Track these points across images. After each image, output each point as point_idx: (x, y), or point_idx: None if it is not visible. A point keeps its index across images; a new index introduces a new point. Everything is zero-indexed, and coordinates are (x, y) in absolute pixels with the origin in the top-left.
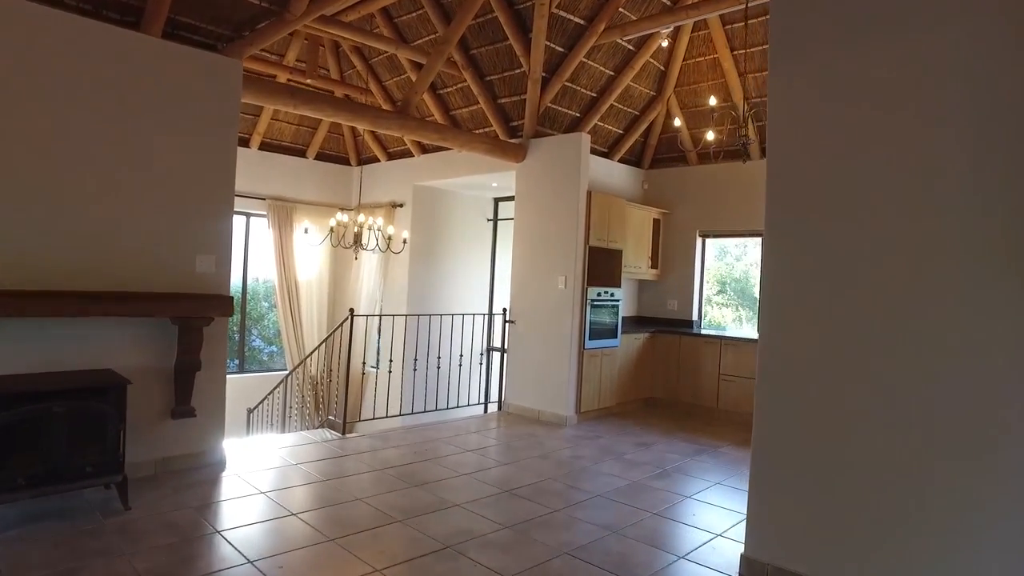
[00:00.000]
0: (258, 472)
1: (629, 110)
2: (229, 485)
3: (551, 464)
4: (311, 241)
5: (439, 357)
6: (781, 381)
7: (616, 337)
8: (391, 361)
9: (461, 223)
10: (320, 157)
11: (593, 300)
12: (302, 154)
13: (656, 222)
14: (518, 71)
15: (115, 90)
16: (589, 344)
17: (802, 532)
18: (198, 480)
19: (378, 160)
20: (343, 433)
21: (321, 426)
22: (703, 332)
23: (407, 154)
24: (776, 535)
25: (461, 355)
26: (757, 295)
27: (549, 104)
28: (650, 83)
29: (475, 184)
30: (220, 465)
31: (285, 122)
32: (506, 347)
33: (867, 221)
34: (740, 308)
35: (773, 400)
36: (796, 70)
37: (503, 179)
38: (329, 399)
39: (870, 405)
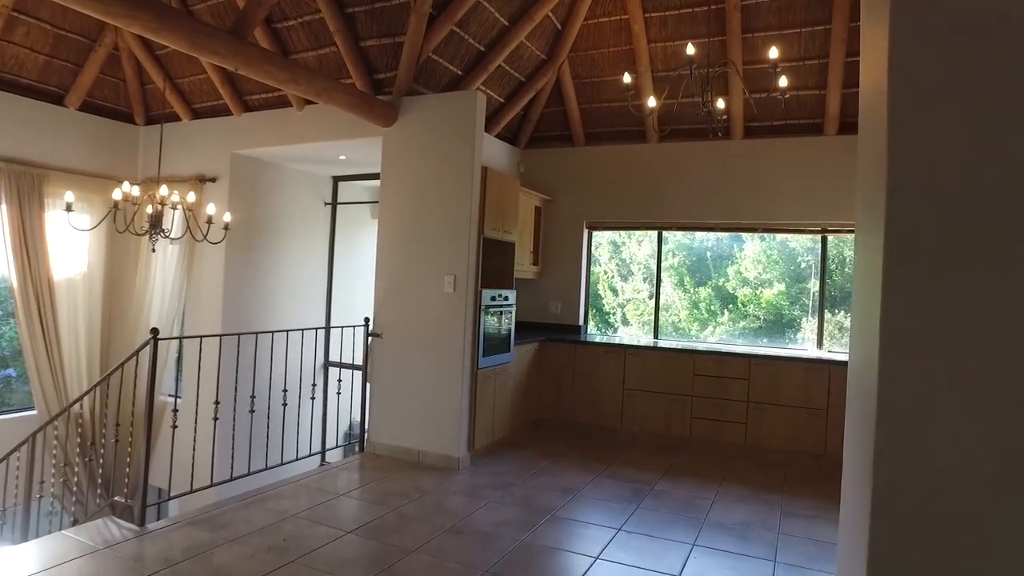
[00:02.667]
0: None
1: (515, 74)
2: None
3: (475, 543)
4: (77, 224)
5: (285, 390)
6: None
7: (510, 350)
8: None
9: (293, 207)
10: (89, 108)
11: (488, 306)
12: (59, 101)
13: (537, 211)
14: (393, 2)
15: None
16: (484, 362)
17: None
18: None
19: (178, 118)
20: (140, 523)
21: (102, 513)
22: (611, 341)
23: (221, 111)
24: None
25: (301, 382)
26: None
27: (430, 54)
28: (543, 44)
29: (316, 156)
30: None
31: (27, 48)
32: (369, 368)
33: None
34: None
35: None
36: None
37: (358, 149)
38: (116, 464)
39: None
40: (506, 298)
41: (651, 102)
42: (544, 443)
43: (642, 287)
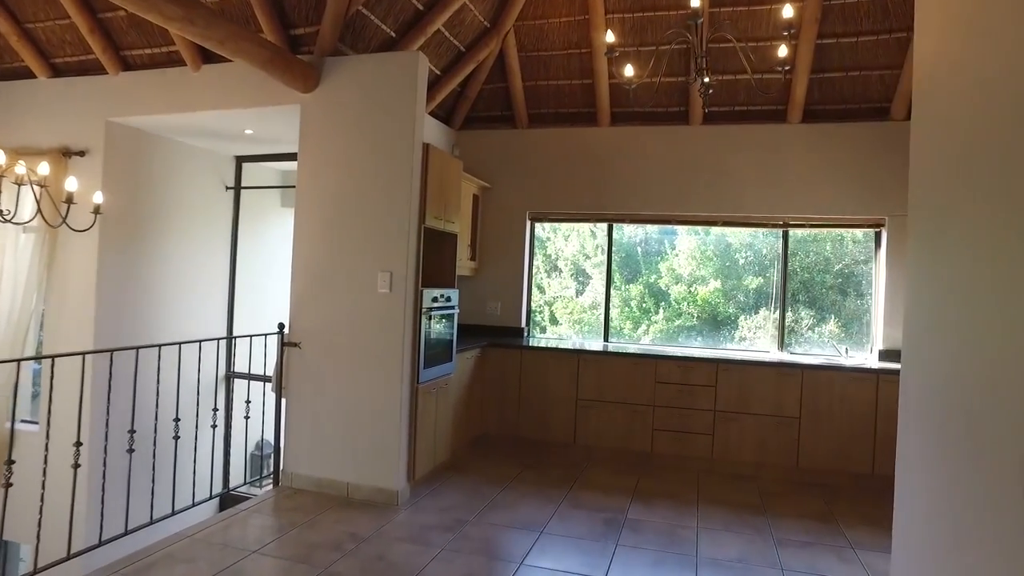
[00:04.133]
0: None
1: (455, 42)
2: None
3: None
4: None
5: (177, 420)
6: None
7: (451, 359)
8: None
9: (187, 191)
10: None
11: (429, 308)
12: None
13: (475, 200)
14: None
15: None
16: (425, 374)
17: None
18: None
19: (32, 75)
20: None
21: None
22: (562, 346)
23: (92, 68)
24: None
25: (199, 407)
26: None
27: (360, 7)
28: (487, 8)
29: (216, 129)
30: None
31: None
32: (284, 385)
33: None
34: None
35: None
36: None
37: (269, 122)
38: None
39: None
40: (448, 299)
41: (628, 70)
42: (491, 465)
43: (570, 284)
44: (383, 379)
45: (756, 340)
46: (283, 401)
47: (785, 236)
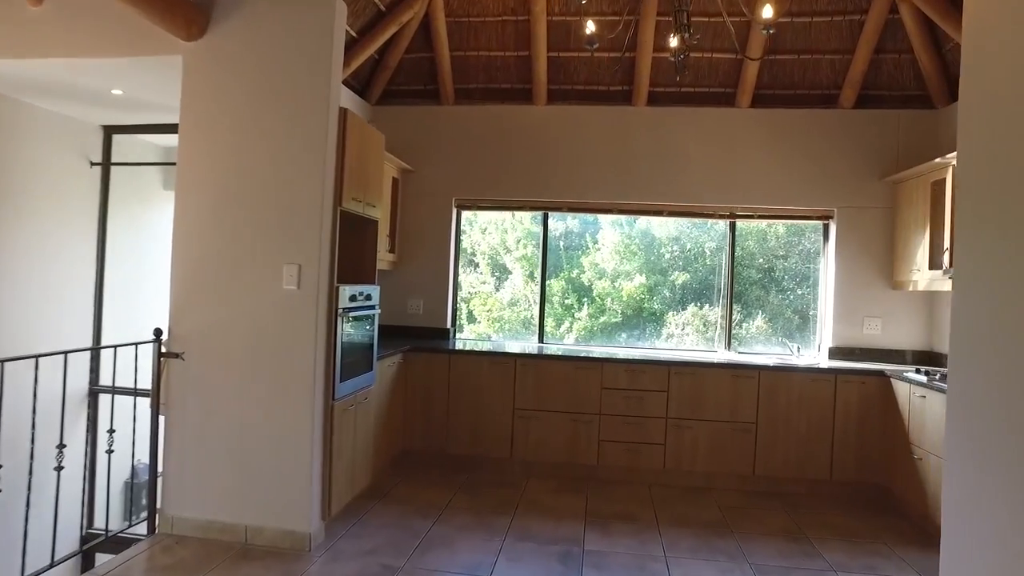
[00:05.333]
0: None
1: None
2: None
3: None
4: None
5: (32, 458)
6: None
7: (372, 368)
8: None
9: (38, 166)
10: None
11: (347, 308)
12: None
13: (395, 183)
14: None
15: None
16: (342, 388)
17: None
18: None
19: None
20: None
21: None
22: (497, 349)
23: None
24: None
25: (62, 439)
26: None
27: None
28: None
29: (72, 87)
30: None
31: None
32: (163, 404)
33: None
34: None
35: None
36: None
37: (142, 77)
38: None
39: None
40: (369, 297)
41: (589, 27)
42: (419, 489)
43: (489, 279)
44: (290, 395)
45: (684, 337)
46: (161, 421)
47: (732, 227)
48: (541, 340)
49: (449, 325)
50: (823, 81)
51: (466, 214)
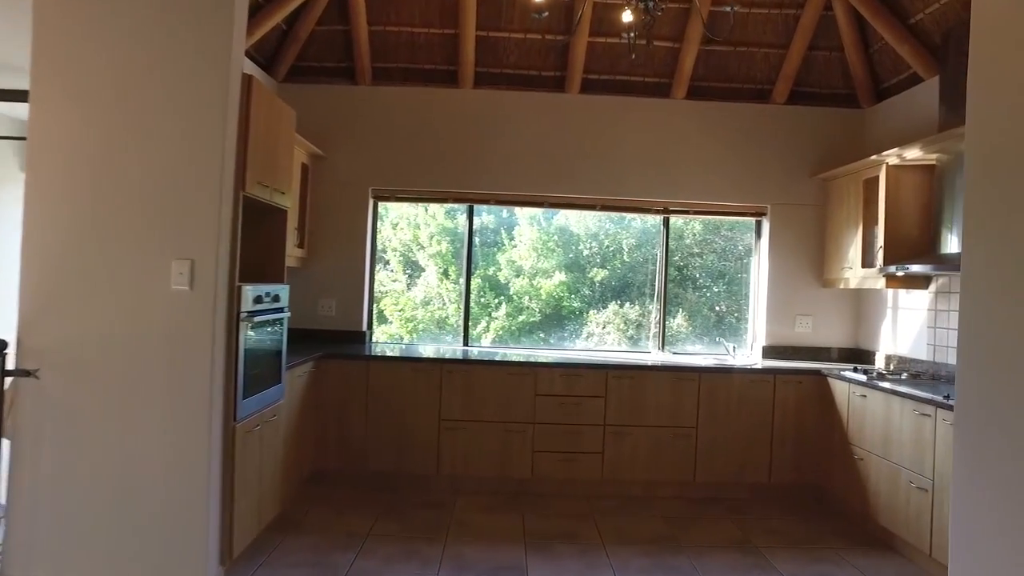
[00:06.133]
0: None
1: None
2: None
3: None
4: None
5: None
6: None
7: (280, 380)
8: None
9: None
10: None
11: (251, 312)
12: None
13: (304, 170)
14: None
15: None
16: (245, 406)
17: None
18: None
19: None
20: None
21: None
22: (420, 355)
23: None
24: None
25: None
26: None
27: None
28: None
29: None
30: None
31: None
32: (8, 435)
33: None
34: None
35: None
36: None
37: None
38: None
39: None
40: (276, 298)
41: None
42: (337, 515)
43: (400, 277)
44: (180, 419)
45: (606, 336)
46: (4, 455)
47: (666, 223)
48: (466, 343)
49: (365, 327)
50: (757, 75)
51: (380, 208)
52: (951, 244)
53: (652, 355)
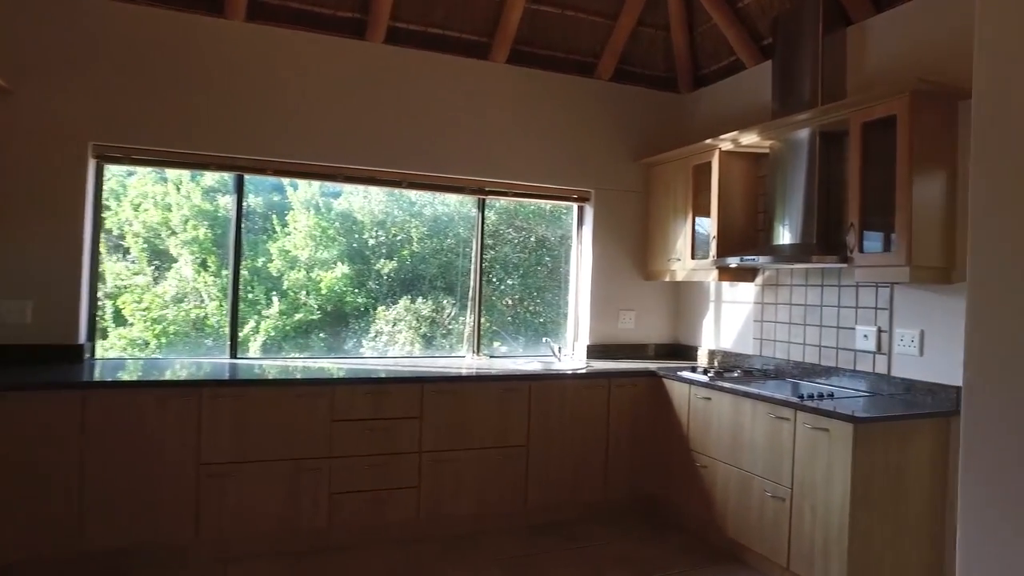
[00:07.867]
0: None
1: None
2: None
3: None
4: None
5: None
6: None
7: None
8: None
9: None
10: None
11: None
12: None
13: None
14: None
15: None
16: None
17: None
18: None
19: None
20: None
21: None
22: (171, 378)
23: None
24: None
25: None
26: None
27: None
28: None
29: None
30: None
31: None
32: None
33: None
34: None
35: None
36: None
37: None
38: None
39: None
40: None
41: None
42: None
43: (146, 269)
44: None
45: (398, 335)
46: None
47: (482, 205)
48: (234, 352)
49: (84, 339)
50: (583, 46)
51: (115, 174)
52: (784, 236)
53: (467, 359)
